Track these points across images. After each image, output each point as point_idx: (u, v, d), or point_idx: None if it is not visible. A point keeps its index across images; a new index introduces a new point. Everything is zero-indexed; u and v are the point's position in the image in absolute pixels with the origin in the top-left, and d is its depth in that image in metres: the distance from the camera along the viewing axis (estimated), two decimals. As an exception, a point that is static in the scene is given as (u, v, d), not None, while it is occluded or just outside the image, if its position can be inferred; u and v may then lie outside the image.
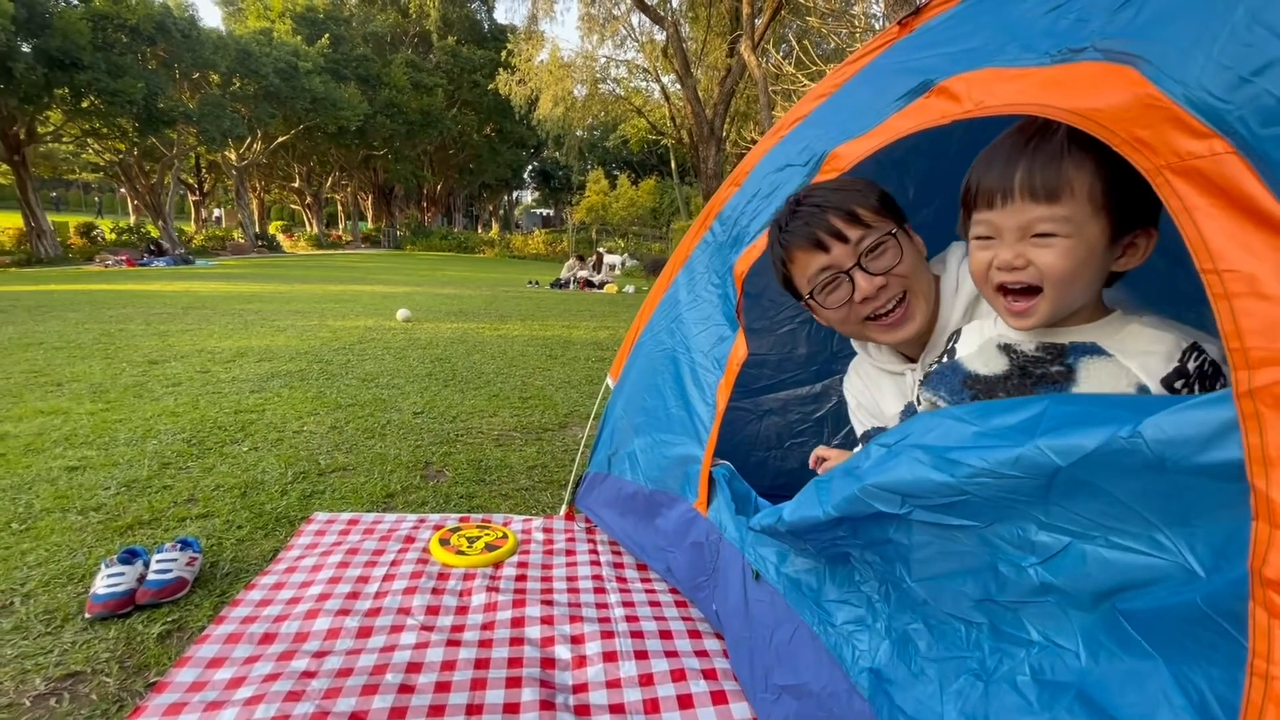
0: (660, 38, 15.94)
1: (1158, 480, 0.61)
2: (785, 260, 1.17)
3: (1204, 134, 0.60)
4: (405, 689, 1.26)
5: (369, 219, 35.21)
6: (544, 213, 52.29)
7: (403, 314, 6.84)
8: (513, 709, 1.22)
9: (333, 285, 11.05)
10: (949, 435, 0.78)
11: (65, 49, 14.20)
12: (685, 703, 1.26)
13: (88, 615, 1.47)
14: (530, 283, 13.30)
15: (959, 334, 1.02)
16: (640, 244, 23.96)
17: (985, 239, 0.83)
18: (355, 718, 1.17)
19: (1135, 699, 0.63)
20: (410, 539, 1.91)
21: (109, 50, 15.41)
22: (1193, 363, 0.76)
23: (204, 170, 25.57)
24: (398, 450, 2.74)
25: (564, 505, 2.16)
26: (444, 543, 1.85)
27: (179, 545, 1.67)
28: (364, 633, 1.44)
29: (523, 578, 1.72)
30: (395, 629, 1.46)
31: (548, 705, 1.24)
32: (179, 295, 8.58)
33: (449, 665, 1.34)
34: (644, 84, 19.28)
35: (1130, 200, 0.75)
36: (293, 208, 36.16)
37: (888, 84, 1.11)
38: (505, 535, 1.92)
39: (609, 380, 2.11)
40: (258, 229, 26.44)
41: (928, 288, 1.14)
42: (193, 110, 17.89)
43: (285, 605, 1.55)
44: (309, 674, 1.29)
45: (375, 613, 1.52)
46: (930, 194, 1.52)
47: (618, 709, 1.25)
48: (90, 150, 19.79)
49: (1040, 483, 0.68)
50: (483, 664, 1.35)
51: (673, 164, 24.19)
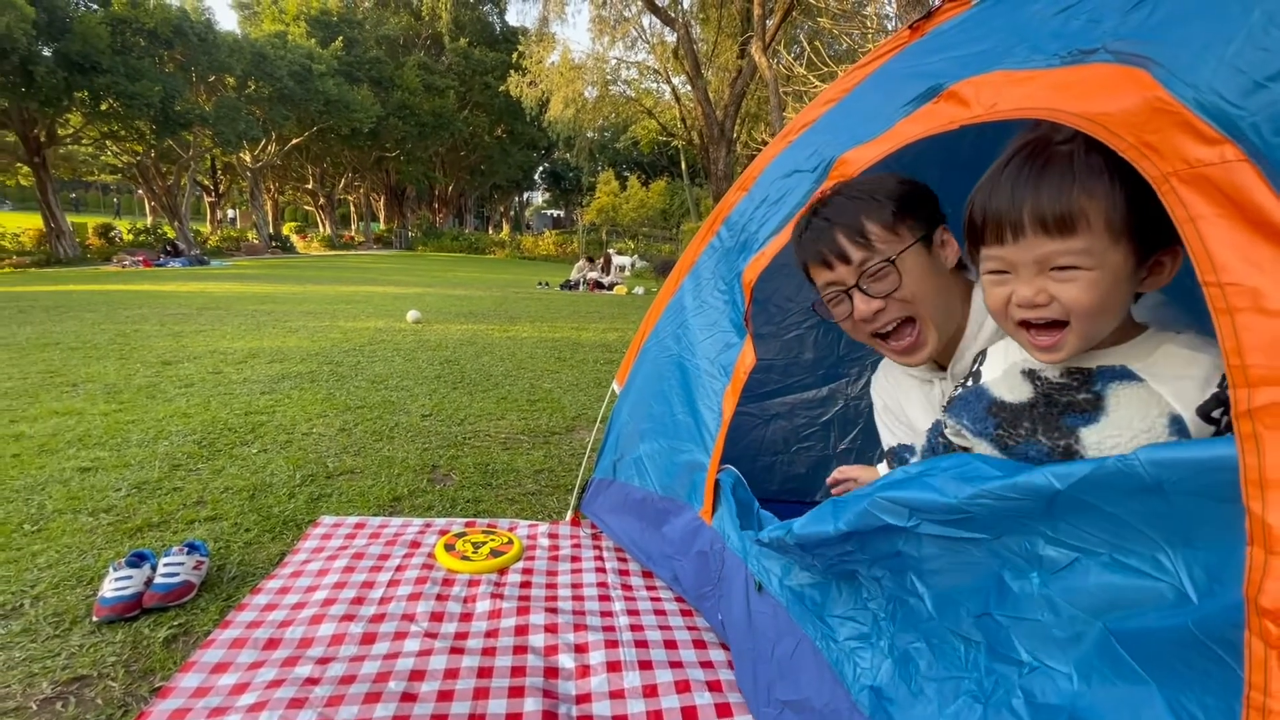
0: (671, 39, 15.93)
1: (1157, 502, 0.59)
2: (804, 266, 1.17)
3: (1215, 140, 0.58)
4: (408, 697, 1.25)
5: (381, 220, 35.48)
6: (554, 214, 52.43)
7: (413, 315, 6.87)
8: (515, 719, 1.22)
9: (344, 286, 11.13)
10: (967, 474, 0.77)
11: (85, 53, 14.44)
12: (689, 715, 1.25)
13: (95, 618, 1.48)
14: (540, 284, 13.33)
15: (985, 355, 0.95)
16: (650, 245, 23.96)
17: (1000, 273, 0.77)
18: (357, 726, 1.17)
19: (1129, 726, 0.61)
20: (416, 544, 1.91)
21: (127, 54, 15.65)
22: None
23: (219, 172, 25.87)
24: (405, 453, 2.74)
25: (570, 511, 2.15)
26: (449, 548, 1.85)
27: (186, 549, 1.68)
28: (368, 639, 1.44)
29: (527, 584, 1.72)
30: (399, 635, 1.46)
31: (550, 716, 1.23)
32: (193, 296, 8.68)
33: (452, 673, 1.33)
34: (655, 85, 19.31)
35: (1152, 220, 0.68)
36: (306, 209, 36.50)
37: (897, 89, 1.09)
38: (511, 541, 1.92)
39: (615, 386, 2.10)
40: (272, 230, 26.69)
41: (945, 308, 1.08)
42: (209, 113, 18.11)
43: (290, 610, 1.55)
44: (312, 681, 1.29)
45: (379, 619, 1.52)
46: (941, 202, 1.50)
47: (621, 720, 1.24)
48: (109, 152, 20.07)
49: (1040, 505, 0.67)
50: (486, 673, 1.34)
51: (683, 165, 24.18)
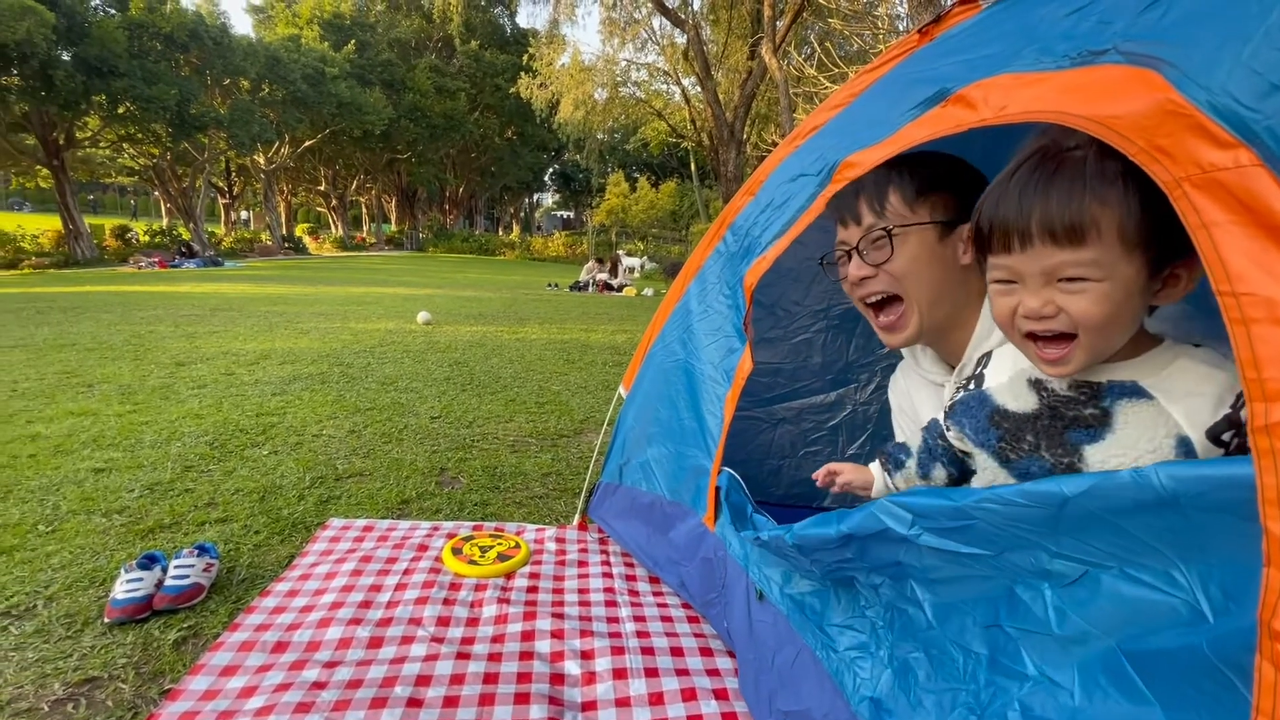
0: (681, 41, 15.93)
1: (1173, 516, 0.57)
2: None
3: (1229, 144, 0.56)
4: (414, 703, 1.26)
5: (392, 221, 35.73)
6: (564, 215, 52.58)
7: (423, 317, 6.90)
8: (520, 726, 1.21)
9: (355, 287, 11.22)
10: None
11: (103, 57, 14.69)
12: (694, 723, 1.24)
13: (107, 620, 1.50)
14: (549, 285, 13.36)
15: (990, 356, 0.92)
16: (660, 246, 23.95)
17: (1006, 283, 0.76)
18: (363, 731, 1.17)
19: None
20: (423, 547, 1.91)
21: (144, 58, 15.90)
22: (1246, 409, 0.69)
23: (233, 174, 26.19)
24: (414, 455, 2.75)
25: (577, 515, 2.15)
26: (456, 552, 1.85)
27: (196, 551, 1.69)
28: (375, 643, 1.45)
29: (534, 589, 1.72)
30: (406, 640, 1.46)
31: (555, 722, 1.22)
32: (207, 297, 8.78)
33: (458, 679, 1.34)
34: (664, 87, 19.26)
35: (1166, 230, 0.66)
36: (318, 210, 36.83)
37: (904, 94, 1.08)
38: (518, 545, 1.92)
39: (621, 390, 2.10)
40: (284, 231, 26.99)
41: (938, 298, 1.06)
42: (223, 115, 18.35)
43: (299, 613, 1.56)
44: (319, 685, 1.29)
45: (387, 623, 1.53)
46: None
47: (625, 728, 1.23)
48: (126, 155, 20.38)
49: (1049, 513, 0.65)
50: (491, 678, 1.35)
51: (693, 166, 24.13)
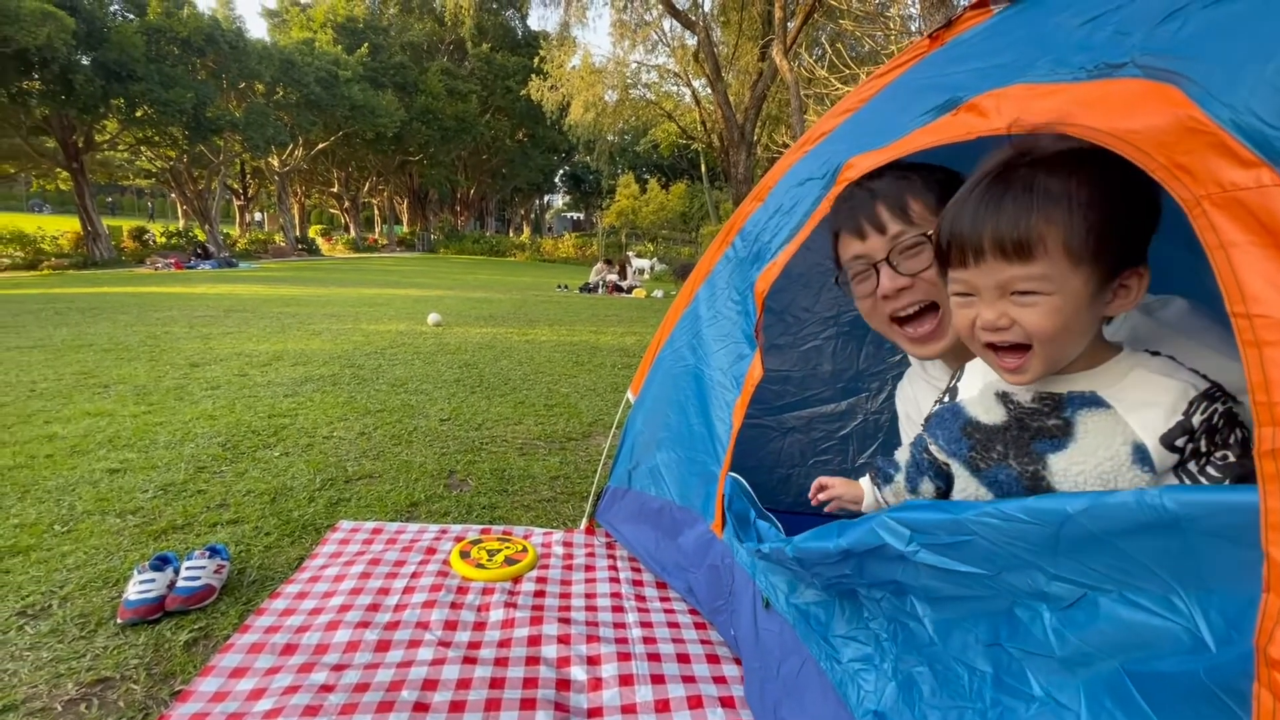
0: (691, 42, 15.93)
1: (1173, 540, 0.56)
2: (835, 237, 1.15)
3: (1251, 163, 0.55)
4: (420, 707, 1.26)
5: (404, 223, 35.97)
6: (575, 216, 52.69)
7: (433, 318, 6.95)
8: (525, 732, 1.22)
9: (367, 289, 11.30)
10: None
11: (121, 61, 14.92)
12: (700, 731, 1.24)
13: (119, 620, 1.51)
14: (559, 287, 13.39)
15: (963, 370, 0.94)
16: (670, 248, 23.95)
17: (965, 295, 0.79)
18: (369, 735, 1.18)
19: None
20: (432, 550, 1.92)
21: (161, 62, 16.13)
22: (1199, 415, 0.69)
23: (248, 176, 26.48)
24: (423, 458, 2.77)
25: (584, 519, 2.15)
26: (464, 555, 1.86)
27: (208, 552, 1.71)
28: (382, 646, 1.45)
29: (541, 594, 1.72)
30: (413, 644, 1.47)
31: (561, 729, 1.22)
32: (221, 298, 8.88)
33: (464, 684, 1.34)
34: (675, 89, 19.29)
35: (1113, 243, 0.71)
36: (331, 212, 37.21)
37: (914, 100, 1.07)
38: (525, 549, 1.92)
39: (629, 395, 2.10)
40: (298, 233, 27.22)
41: None
42: (239, 118, 18.57)
43: (307, 616, 1.57)
44: (327, 688, 1.30)
45: (394, 626, 1.53)
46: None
47: (631, 735, 1.23)
48: (143, 157, 20.65)
49: (1049, 531, 0.64)
50: (498, 683, 1.35)
51: (703, 168, 24.14)
